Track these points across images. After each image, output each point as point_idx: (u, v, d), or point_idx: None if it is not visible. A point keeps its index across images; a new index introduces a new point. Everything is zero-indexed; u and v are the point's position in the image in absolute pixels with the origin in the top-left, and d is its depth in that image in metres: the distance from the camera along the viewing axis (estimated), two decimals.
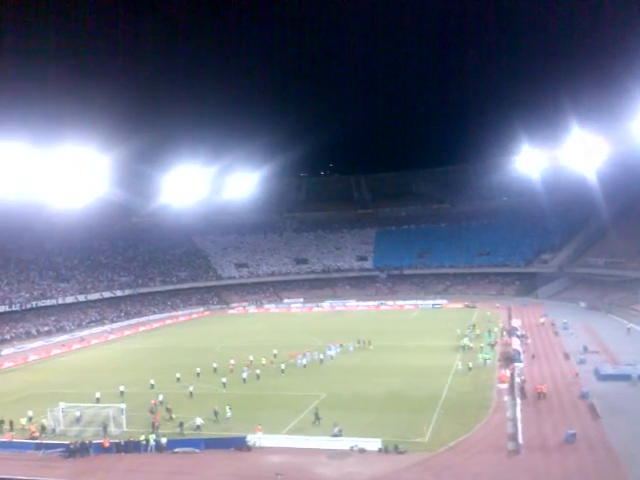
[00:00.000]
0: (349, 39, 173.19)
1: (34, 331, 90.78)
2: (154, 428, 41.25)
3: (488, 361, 58.30)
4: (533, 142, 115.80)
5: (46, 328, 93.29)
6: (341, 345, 69.73)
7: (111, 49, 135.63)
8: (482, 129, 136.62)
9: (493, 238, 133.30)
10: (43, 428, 42.14)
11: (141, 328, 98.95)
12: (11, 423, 43.21)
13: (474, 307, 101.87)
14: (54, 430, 42.44)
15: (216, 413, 43.58)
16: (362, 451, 36.49)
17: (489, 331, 74.46)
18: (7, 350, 79.55)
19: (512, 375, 50.05)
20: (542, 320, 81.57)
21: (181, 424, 41.53)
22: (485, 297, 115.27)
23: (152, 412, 45.21)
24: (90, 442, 38.70)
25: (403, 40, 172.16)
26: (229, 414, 43.71)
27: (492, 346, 64.77)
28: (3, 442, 40.06)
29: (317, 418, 41.95)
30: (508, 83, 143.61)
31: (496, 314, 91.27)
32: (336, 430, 38.62)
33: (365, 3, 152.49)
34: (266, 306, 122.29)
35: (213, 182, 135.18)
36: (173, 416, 44.10)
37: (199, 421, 41.75)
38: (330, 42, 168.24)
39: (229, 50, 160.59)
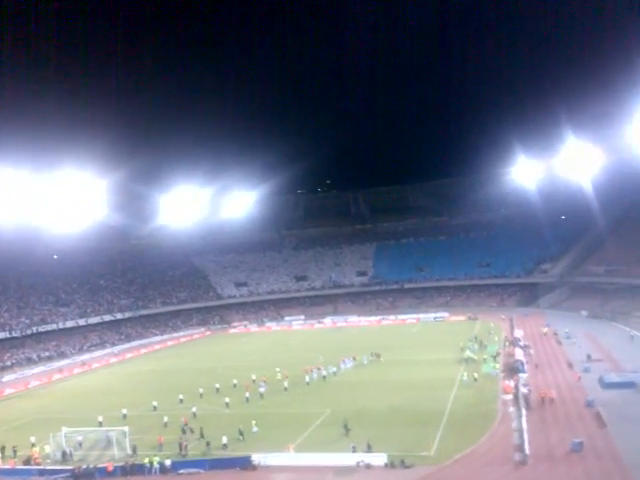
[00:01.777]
0: (343, 55, 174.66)
1: (35, 357, 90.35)
2: (182, 449, 41.00)
3: (497, 370, 58.40)
4: (528, 153, 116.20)
5: (47, 353, 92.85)
6: (354, 358, 70.09)
7: (107, 72, 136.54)
8: (477, 141, 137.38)
9: (492, 249, 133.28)
10: (64, 454, 41.67)
11: (142, 350, 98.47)
12: (14, 450, 42.83)
13: (476, 319, 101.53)
14: (71, 454, 41.95)
15: (241, 432, 43.24)
16: (368, 466, 36.23)
17: (481, 342, 74.59)
18: (8, 377, 79.10)
19: (516, 386, 49.85)
20: (545, 330, 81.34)
21: (208, 443, 41.35)
22: (486, 308, 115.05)
23: (184, 432, 45.02)
24: (95, 466, 38.41)
25: (397, 54, 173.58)
26: (255, 429, 43.90)
27: (495, 357, 64.53)
28: (6, 469, 39.68)
29: (347, 430, 42.03)
30: (502, 95, 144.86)
31: (499, 325, 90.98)
32: (353, 447, 38.43)
33: (357, 22, 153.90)
34: (267, 324, 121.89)
35: (210, 202, 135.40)
36: (203, 434, 43.62)
37: (225, 439, 41.57)
38: (324, 59, 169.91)
39: (225, 71, 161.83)
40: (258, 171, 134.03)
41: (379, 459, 36.56)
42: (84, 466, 38.44)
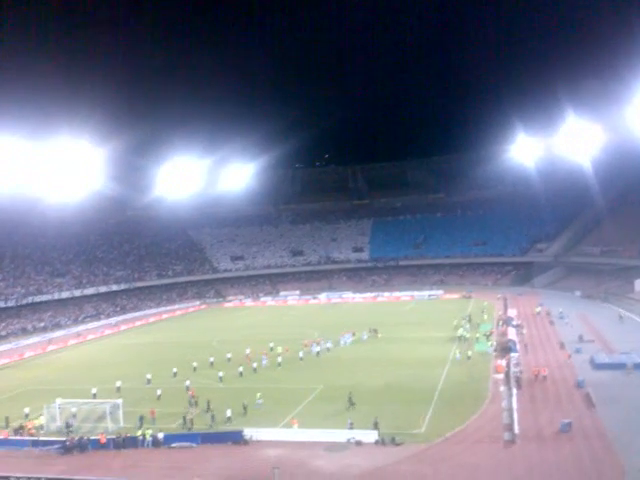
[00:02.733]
0: (343, 29, 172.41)
1: (30, 327, 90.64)
2: (186, 421, 41.33)
3: (491, 348, 58.89)
4: (528, 131, 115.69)
5: (42, 324, 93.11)
6: (354, 334, 70.57)
7: (105, 41, 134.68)
8: (477, 118, 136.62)
9: (489, 228, 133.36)
10: (68, 426, 41.77)
11: (137, 322, 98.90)
12: (7, 420, 43.13)
13: (470, 297, 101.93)
14: (71, 425, 42.14)
15: (245, 407, 43.51)
16: (359, 443, 36.55)
17: (474, 320, 75.38)
18: (3, 346, 79.32)
19: (508, 365, 50.22)
20: (538, 309, 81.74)
21: (213, 417, 41.69)
22: (481, 287, 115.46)
23: (191, 404, 45.36)
24: (87, 438, 38.69)
25: (398, 30, 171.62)
26: (260, 401, 44.54)
27: (488, 336, 64.93)
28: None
29: (351, 404, 42.50)
30: (503, 72, 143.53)
31: (492, 304, 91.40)
32: (350, 423, 38.64)
33: None
34: (262, 299, 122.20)
35: (208, 174, 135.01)
36: (211, 407, 43.91)
37: (229, 413, 41.93)
38: (324, 33, 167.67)
39: (223, 41, 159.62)
40: (256, 144, 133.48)
41: (370, 436, 36.89)
42: (77, 438, 38.75)
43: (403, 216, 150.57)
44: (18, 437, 40.40)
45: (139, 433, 38.88)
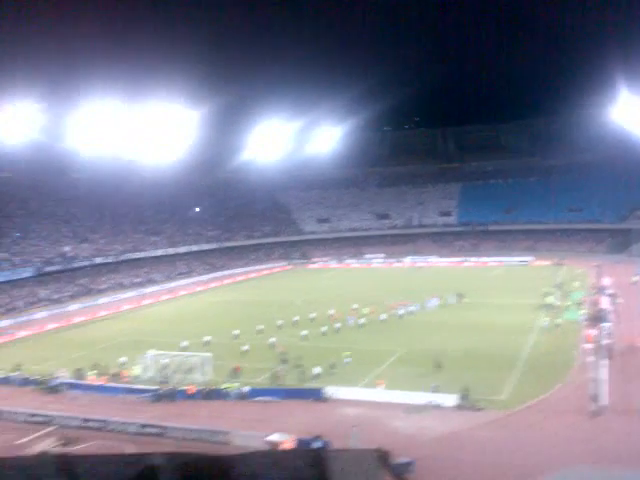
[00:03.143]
0: None
1: (126, 282, 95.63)
2: (277, 378, 42.53)
3: (581, 317, 56.79)
4: (632, 90, 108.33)
5: (137, 279, 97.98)
6: (440, 298, 69.91)
7: (198, 6, 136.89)
8: (576, 77, 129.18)
9: (585, 193, 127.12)
10: (164, 377, 43.90)
11: (226, 281, 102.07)
12: (105, 368, 45.99)
13: (562, 264, 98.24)
14: (167, 376, 44.31)
15: (332, 366, 44.30)
16: (438, 407, 36.46)
17: (565, 288, 72.54)
18: (102, 300, 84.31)
19: (599, 335, 48.29)
20: (635, 279, 77.66)
21: (303, 372, 42.87)
22: (574, 254, 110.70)
23: (284, 361, 46.30)
24: (176, 388, 40.73)
25: None
26: (348, 360, 45.37)
27: (579, 304, 62.60)
28: (98, 385, 42.82)
29: (438, 367, 42.42)
30: (603, 22, 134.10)
31: (585, 272, 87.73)
32: (433, 386, 38.60)
33: None
34: (347, 261, 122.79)
35: (296, 137, 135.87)
36: (303, 363, 44.94)
37: (317, 370, 43.01)
38: None
39: (313, 2, 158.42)
40: (345, 107, 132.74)
41: (450, 400, 36.69)
42: (167, 387, 40.88)
43: (494, 180, 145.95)
44: (114, 384, 43.10)
45: (224, 386, 40.49)
